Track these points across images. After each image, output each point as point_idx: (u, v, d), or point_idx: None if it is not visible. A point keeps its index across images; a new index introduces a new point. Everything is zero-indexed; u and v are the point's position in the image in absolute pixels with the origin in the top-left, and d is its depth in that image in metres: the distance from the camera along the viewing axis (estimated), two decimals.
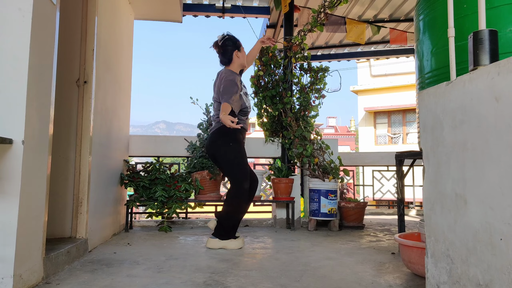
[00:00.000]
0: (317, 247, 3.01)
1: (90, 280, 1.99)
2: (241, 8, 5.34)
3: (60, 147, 2.68)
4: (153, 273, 2.16)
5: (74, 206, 2.68)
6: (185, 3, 5.34)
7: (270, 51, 4.47)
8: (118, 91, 3.57)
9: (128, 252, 2.74)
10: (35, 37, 1.82)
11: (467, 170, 1.28)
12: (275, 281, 2.00)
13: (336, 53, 7.35)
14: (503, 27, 2.01)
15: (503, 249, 1.11)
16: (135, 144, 4.30)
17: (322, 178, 3.97)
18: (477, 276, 1.21)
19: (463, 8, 2.13)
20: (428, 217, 1.49)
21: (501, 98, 1.13)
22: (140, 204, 3.79)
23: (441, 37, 2.30)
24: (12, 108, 1.72)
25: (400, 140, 17.09)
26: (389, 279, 2.06)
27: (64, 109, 2.68)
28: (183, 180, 3.84)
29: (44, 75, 1.94)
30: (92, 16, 2.81)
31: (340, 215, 4.11)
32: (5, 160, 1.70)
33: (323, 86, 4.43)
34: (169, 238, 3.36)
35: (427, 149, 1.51)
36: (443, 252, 1.39)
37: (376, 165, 5.81)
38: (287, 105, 4.32)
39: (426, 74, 2.50)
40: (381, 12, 5.91)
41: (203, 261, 2.46)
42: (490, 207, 1.16)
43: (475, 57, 1.43)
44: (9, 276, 1.65)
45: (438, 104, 1.43)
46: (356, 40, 5.51)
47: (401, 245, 2.18)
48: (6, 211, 1.68)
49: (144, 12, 4.36)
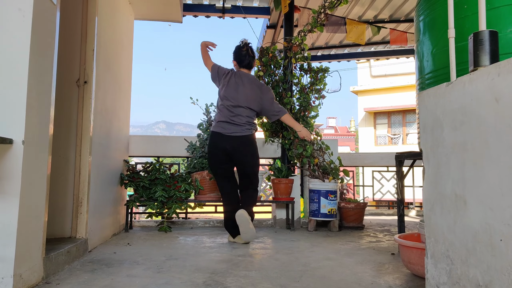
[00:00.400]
0: (317, 247, 3.01)
1: (90, 280, 1.99)
2: (241, 9, 5.34)
3: (60, 147, 2.68)
4: (153, 273, 2.16)
5: (74, 206, 2.68)
6: (185, 3, 5.34)
7: (270, 52, 4.47)
8: (118, 91, 3.57)
9: (128, 252, 2.74)
10: (35, 37, 1.82)
11: (467, 170, 1.28)
12: (275, 282, 2.00)
13: (336, 54, 7.35)
14: (503, 28, 2.01)
15: (503, 250, 1.11)
16: (135, 144, 4.31)
17: (322, 178, 3.97)
18: (476, 277, 1.21)
19: (463, 9, 2.14)
20: (428, 218, 1.49)
21: (501, 99, 1.13)
22: (140, 204, 3.79)
23: (441, 37, 2.31)
24: (12, 108, 1.72)
25: (400, 140, 17.09)
26: (389, 279, 2.06)
27: (64, 109, 2.69)
28: (183, 180, 3.84)
29: (44, 75, 1.94)
30: (92, 16, 2.81)
31: (340, 215, 4.11)
32: (5, 160, 1.70)
33: (323, 87, 4.43)
34: (169, 238, 3.36)
35: (427, 150, 1.51)
36: (443, 253, 1.39)
37: (376, 165, 5.81)
38: (287, 106, 4.32)
39: (426, 74, 2.51)
40: (381, 13, 5.91)
41: (203, 262, 2.46)
42: (490, 208, 1.17)
43: (475, 58, 1.44)
44: (9, 276, 1.65)
45: (438, 104, 1.44)
46: (356, 40, 5.51)
47: (401, 245, 2.18)
48: (6, 211, 1.68)
49: (144, 12, 4.36)
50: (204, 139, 4.14)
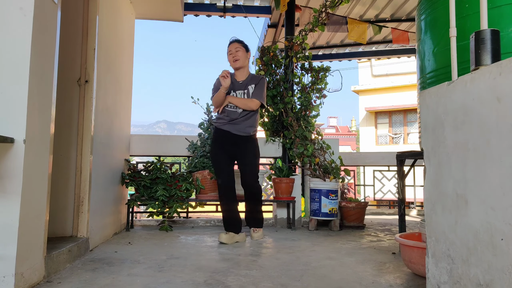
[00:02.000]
0: (318, 246, 3.01)
1: (91, 279, 1.99)
2: (242, 8, 5.34)
3: (61, 146, 2.68)
4: (154, 272, 2.16)
5: (75, 205, 2.68)
6: (186, 2, 5.34)
7: (271, 51, 4.46)
8: (119, 91, 3.57)
9: (129, 251, 2.74)
10: (36, 37, 1.82)
11: (468, 170, 1.27)
12: (276, 281, 2.00)
13: (337, 53, 7.34)
14: (505, 27, 2.01)
15: (504, 249, 1.11)
16: (136, 143, 4.31)
17: (323, 178, 3.97)
18: (477, 276, 1.21)
19: (465, 7, 2.13)
20: (429, 217, 1.49)
21: (503, 98, 1.13)
22: (141, 203, 3.80)
23: (443, 37, 2.30)
24: (13, 107, 1.72)
25: (401, 140, 17.07)
26: (390, 279, 2.06)
27: (65, 108, 2.69)
28: (184, 179, 3.85)
29: (45, 75, 1.94)
30: (93, 15, 2.81)
31: (340, 215, 4.11)
32: (7, 159, 1.70)
33: (324, 86, 4.43)
34: (170, 238, 3.37)
35: (428, 149, 1.51)
36: (443, 252, 1.39)
37: (377, 165, 5.80)
38: (288, 105, 4.32)
39: (427, 74, 2.50)
40: (383, 12, 5.91)
41: (204, 261, 2.46)
42: (491, 207, 1.16)
43: (477, 57, 1.43)
44: (11, 275, 1.66)
45: (440, 104, 1.43)
46: (357, 40, 5.50)
47: (401, 245, 2.18)
48: (8, 210, 1.68)
49: (145, 12, 4.36)
50: (205, 139, 4.14)
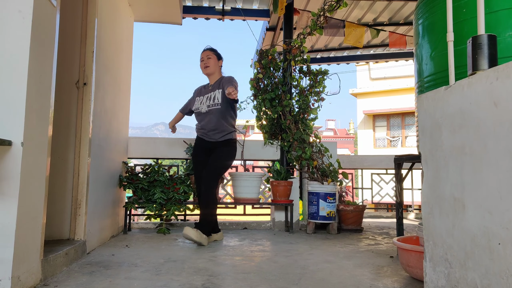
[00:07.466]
0: (316, 250, 3.01)
1: (88, 282, 1.99)
2: (241, 11, 5.35)
3: (59, 148, 2.68)
4: (151, 275, 2.15)
5: (73, 207, 2.67)
6: (185, 5, 5.35)
7: (269, 54, 4.47)
8: (117, 93, 3.57)
9: (127, 254, 2.73)
10: (35, 39, 1.82)
11: (465, 174, 1.28)
12: (273, 284, 2.00)
13: (336, 56, 7.36)
14: (502, 32, 2.02)
15: (501, 253, 1.11)
16: (134, 146, 4.30)
17: (321, 181, 3.97)
18: (475, 281, 1.21)
19: (462, 12, 2.14)
20: (427, 221, 1.49)
21: (500, 103, 1.13)
22: (138, 206, 3.79)
23: (440, 41, 2.31)
24: (11, 109, 1.72)
25: (399, 143, 17.10)
26: (388, 282, 2.06)
27: (63, 110, 2.68)
28: (181, 182, 3.84)
29: (43, 77, 1.94)
30: (92, 18, 2.81)
31: (338, 218, 4.11)
32: (4, 161, 1.70)
33: (322, 89, 4.44)
34: (167, 240, 3.36)
35: (425, 153, 1.51)
36: (441, 256, 1.39)
37: (375, 168, 5.81)
38: (286, 108, 4.32)
39: (425, 78, 2.51)
40: (381, 16, 5.93)
41: (201, 264, 2.46)
42: (489, 211, 1.17)
43: (474, 61, 1.44)
44: (7, 278, 1.65)
45: (437, 108, 1.44)
46: (354, 44, 5.52)
47: (399, 248, 2.18)
48: (5, 212, 1.67)
49: (144, 14, 4.36)
50: None
